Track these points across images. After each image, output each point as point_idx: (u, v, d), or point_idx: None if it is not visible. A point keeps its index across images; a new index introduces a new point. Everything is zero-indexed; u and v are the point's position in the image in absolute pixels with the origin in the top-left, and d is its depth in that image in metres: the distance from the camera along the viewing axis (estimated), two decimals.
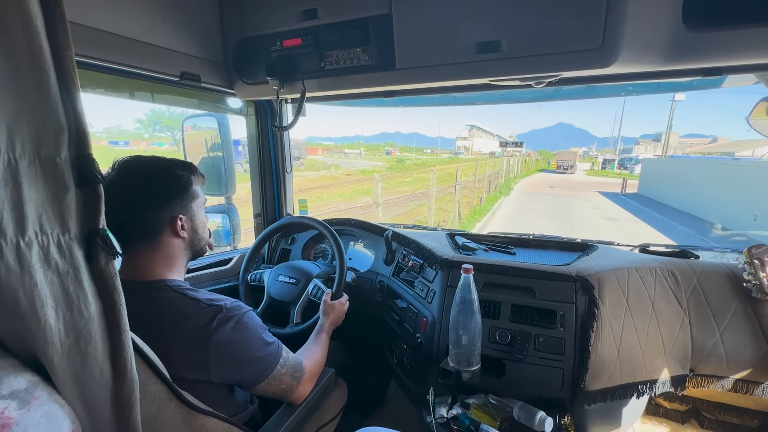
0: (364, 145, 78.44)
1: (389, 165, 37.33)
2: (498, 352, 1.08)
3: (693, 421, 1.42)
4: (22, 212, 0.41)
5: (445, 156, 67.34)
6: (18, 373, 0.44)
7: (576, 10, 0.85)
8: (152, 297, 0.80)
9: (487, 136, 72.01)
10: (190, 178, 0.90)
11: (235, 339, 0.79)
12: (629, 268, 1.12)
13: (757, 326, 1.04)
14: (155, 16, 1.07)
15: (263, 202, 1.81)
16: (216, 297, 0.84)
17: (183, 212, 0.87)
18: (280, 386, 0.89)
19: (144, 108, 73.28)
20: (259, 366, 0.84)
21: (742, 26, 0.81)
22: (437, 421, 1.05)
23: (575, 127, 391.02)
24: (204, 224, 0.94)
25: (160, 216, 0.84)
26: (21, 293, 0.41)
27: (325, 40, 1.13)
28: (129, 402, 0.52)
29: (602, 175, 38.38)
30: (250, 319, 0.84)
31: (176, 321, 0.77)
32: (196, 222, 0.91)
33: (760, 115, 1.07)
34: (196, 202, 0.91)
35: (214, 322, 0.77)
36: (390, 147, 68.87)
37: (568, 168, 38.81)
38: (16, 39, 0.38)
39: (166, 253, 0.86)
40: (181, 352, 0.76)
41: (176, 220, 0.85)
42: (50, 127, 0.42)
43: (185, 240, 0.89)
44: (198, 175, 0.93)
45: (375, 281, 1.53)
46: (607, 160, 49.39)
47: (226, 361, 0.79)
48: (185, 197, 0.88)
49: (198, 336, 0.77)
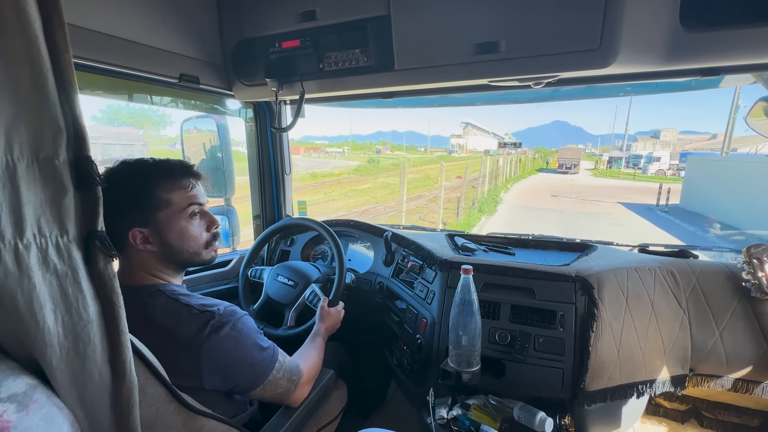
0: (354, 143, 75.73)
1: (359, 166, 30.83)
2: (498, 352, 1.08)
3: (693, 421, 1.42)
4: (20, 214, 0.41)
5: (438, 154, 62.91)
6: (16, 376, 0.44)
7: (574, 11, 0.85)
8: (144, 302, 0.78)
9: (482, 134, 70.54)
10: (150, 184, 0.80)
11: (228, 346, 0.78)
12: (629, 268, 1.12)
13: (756, 325, 1.04)
14: (154, 18, 1.07)
15: (262, 203, 1.81)
16: (210, 302, 0.82)
17: (141, 224, 0.79)
18: (277, 390, 0.87)
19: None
20: (255, 371, 0.83)
21: (740, 26, 0.81)
22: (437, 422, 1.05)
23: (570, 125, 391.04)
24: (183, 235, 0.84)
25: (117, 230, 0.78)
26: (19, 295, 0.41)
27: (323, 41, 1.13)
28: (128, 404, 0.51)
29: (611, 176, 32.25)
30: (244, 324, 0.82)
31: (167, 327, 0.76)
32: (165, 234, 0.81)
33: (758, 115, 1.07)
34: (166, 211, 0.81)
35: (206, 328, 0.76)
36: (381, 146, 65.86)
37: (571, 167, 33.57)
38: (14, 41, 0.38)
39: (144, 264, 0.82)
40: (172, 359, 0.72)
41: (132, 233, 0.79)
42: (48, 130, 0.42)
43: (155, 253, 0.82)
44: (170, 178, 0.82)
45: (374, 282, 1.53)
46: (613, 158, 43.50)
47: (219, 368, 0.77)
48: (140, 207, 0.80)
49: (190, 343, 0.75)
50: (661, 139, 42.53)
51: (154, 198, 0.80)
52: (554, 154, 54.57)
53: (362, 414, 1.60)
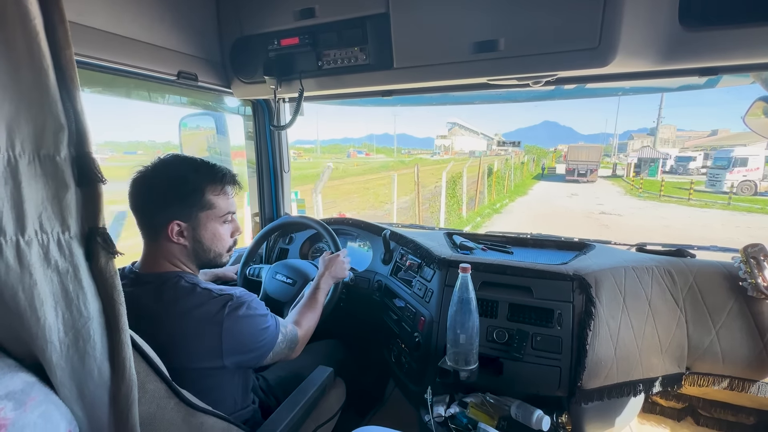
0: (322, 147, 72.05)
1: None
2: (495, 351, 1.09)
3: (689, 419, 1.43)
4: (21, 211, 0.41)
5: (426, 156, 49.60)
6: (14, 374, 0.44)
7: (573, 10, 0.85)
8: (165, 288, 0.83)
9: (470, 134, 68.49)
10: (202, 185, 0.87)
11: (245, 323, 0.84)
12: (626, 267, 1.13)
13: (752, 324, 1.05)
14: (152, 15, 1.06)
15: (261, 201, 1.81)
16: (226, 288, 0.88)
17: (183, 219, 0.85)
18: (277, 357, 0.94)
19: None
20: (265, 345, 0.89)
21: (738, 26, 0.81)
22: (435, 420, 1.05)
23: (560, 125, 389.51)
24: (215, 237, 0.91)
25: (157, 218, 0.84)
26: (20, 292, 0.41)
27: (322, 39, 1.13)
28: (127, 401, 0.52)
29: (650, 190, 17.10)
30: (259, 305, 0.89)
31: (188, 310, 0.80)
32: (200, 232, 0.88)
33: (757, 115, 1.08)
34: (208, 212, 0.88)
35: (225, 308, 0.81)
36: (352, 149, 61.19)
37: (586, 174, 22.80)
38: (15, 37, 0.38)
39: (169, 255, 0.88)
40: (194, 340, 0.79)
41: (171, 225, 0.84)
42: (50, 126, 0.42)
43: (186, 247, 0.88)
44: (220, 184, 0.89)
45: (373, 280, 1.53)
46: (644, 161, 25.41)
47: (237, 342, 0.83)
48: (188, 204, 0.85)
49: (211, 322, 0.80)
50: (659, 136, 39.94)
51: (203, 199, 0.87)
52: (550, 154, 45.76)
53: (360, 412, 1.60)
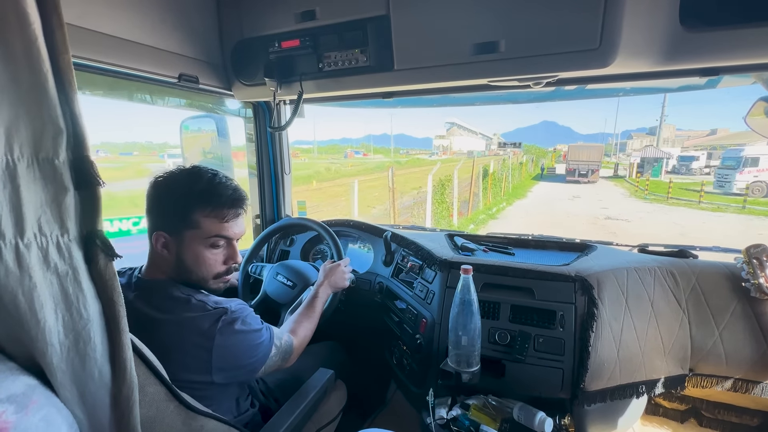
0: (319, 148, 72.07)
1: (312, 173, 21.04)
2: (498, 352, 1.08)
3: (692, 421, 1.42)
4: (20, 214, 0.41)
5: (424, 157, 48.34)
6: (15, 377, 0.44)
7: (573, 11, 0.85)
8: (160, 296, 0.82)
9: (468, 134, 67.87)
10: (191, 201, 0.83)
11: (237, 339, 0.81)
12: (628, 269, 1.12)
13: (756, 326, 1.05)
14: (153, 17, 1.07)
15: (262, 203, 1.81)
16: (221, 300, 0.86)
17: (167, 231, 0.84)
18: (270, 369, 0.93)
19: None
20: (256, 360, 0.87)
21: (739, 26, 0.81)
22: (437, 422, 1.05)
23: (559, 125, 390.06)
24: (198, 259, 0.86)
25: (150, 225, 0.85)
26: (20, 295, 0.42)
27: (323, 41, 1.13)
28: (128, 403, 0.52)
29: (656, 191, 15.94)
30: (253, 319, 0.87)
31: (180, 322, 0.79)
32: (183, 250, 0.84)
33: (758, 115, 1.07)
34: (193, 232, 0.84)
35: (219, 323, 0.79)
36: (350, 149, 61.69)
37: (587, 174, 22.31)
38: (14, 42, 0.38)
39: (160, 265, 0.87)
40: (183, 352, 0.77)
41: (156, 235, 0.84)
42: (48, 130, 0.42)
43: (171, 261, 0.85)
44: (210, 205, 0.84)
45: (374, 282, 1.53)
46: (647, 161, 24.05)
47: (229, 358, 0.81)
48: (176, 218, 0.83)
49: (203, 337, 0.78)
50: (658, 135, 39.40)
51: (187, 216, 0.83)
52: (549, 153, 44.85)
53: (361, 414, 1.60)
